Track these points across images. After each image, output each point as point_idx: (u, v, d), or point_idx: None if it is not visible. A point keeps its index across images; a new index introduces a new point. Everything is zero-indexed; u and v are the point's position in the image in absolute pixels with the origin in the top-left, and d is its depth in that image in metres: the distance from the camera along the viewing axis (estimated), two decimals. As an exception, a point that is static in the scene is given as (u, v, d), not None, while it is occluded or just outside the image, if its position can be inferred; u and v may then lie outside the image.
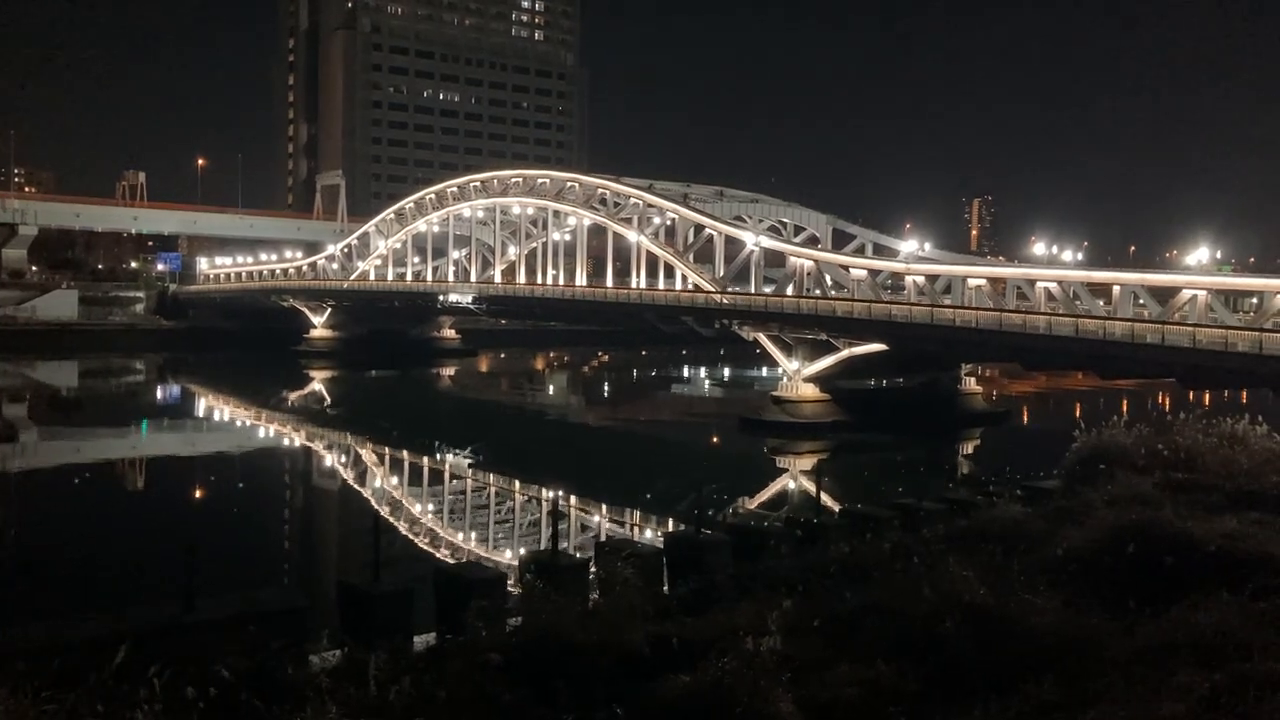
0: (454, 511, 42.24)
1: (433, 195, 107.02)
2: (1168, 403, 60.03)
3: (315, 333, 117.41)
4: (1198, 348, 46.13)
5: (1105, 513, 14.32)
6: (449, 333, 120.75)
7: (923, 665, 10.21)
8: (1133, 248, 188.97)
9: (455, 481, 49.50)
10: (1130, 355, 49.10)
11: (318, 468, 55.48)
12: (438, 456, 55.83)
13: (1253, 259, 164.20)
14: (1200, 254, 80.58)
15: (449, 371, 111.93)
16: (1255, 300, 51.91)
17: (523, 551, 26.24)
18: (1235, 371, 45.87)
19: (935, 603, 11.20)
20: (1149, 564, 12.00)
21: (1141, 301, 54.48)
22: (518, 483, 47.47)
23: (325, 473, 53.76)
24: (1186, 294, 49.98)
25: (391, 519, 37.40)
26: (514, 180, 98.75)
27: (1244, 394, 57.80)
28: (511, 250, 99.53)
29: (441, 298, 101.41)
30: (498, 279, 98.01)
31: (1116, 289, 54.42)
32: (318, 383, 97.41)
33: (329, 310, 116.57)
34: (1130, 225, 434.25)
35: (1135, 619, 10.63)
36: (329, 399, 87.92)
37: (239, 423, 72.02)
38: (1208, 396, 63.13)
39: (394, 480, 50.17)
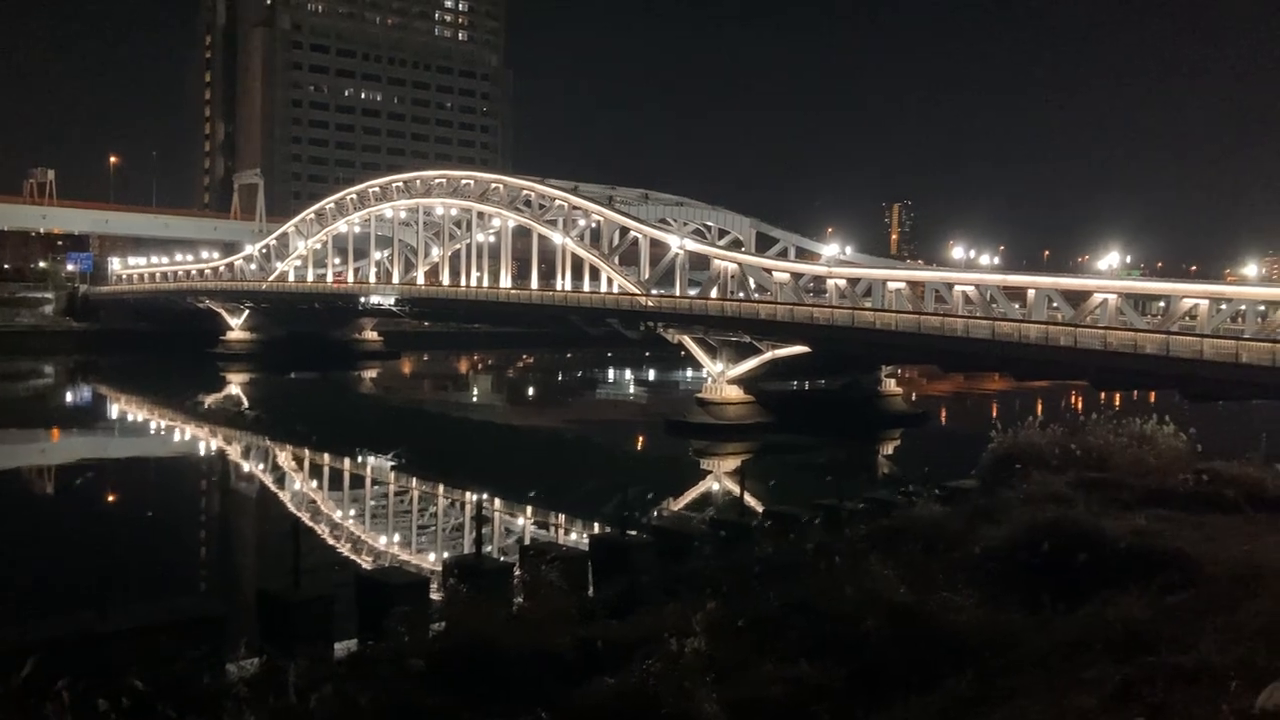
0: (376, 516, 41.64)
1: (354, 195, 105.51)
2: (1080, 404, 61.67)
3: (232, 335, 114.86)
4: (1108, 350, 47.48)
5: (1021, 511, 14.64)
6: (371, 335, 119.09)
7: (845, 663, 10.32)
8: (1047, 252, 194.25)
9: (377, 486, 48.81)
10: (1044, 357, 50.37)
11: (236, 473, 54.27)
12: (359, 460, 55.01)
13: (1160, 264, 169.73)
14: (1111, 259, 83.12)
15: (371, 374, 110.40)
16: (1163, 304, 53.62)
17: (447, 556, 25.96)
18: (1144, 373, 47.31)
19: (857, 601, 11.34)
20: (1063, 561, 12.28)
21: (1055, 305, 55.90)
22: (441, 486, 46.99)
23: (243, 478, 52.62)
24: (1098, 298, 51.42)
25: (312, 524, 36.72)
26: (437, 181, 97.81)
27: (1152, 395, 59.64)
28: (435, 251, 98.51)
29: (363, 299, 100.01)
30: (421, 280, 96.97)
31: (1031, 292, 55.78)
32: (235, 386, 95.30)
33: (247, 312, 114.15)
34: (1045, 230, 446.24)
35: (1050, 615, 10.87)
36: (247, 402, 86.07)
37: (153, 427, 70.12)
38: (1118, 398, 65.06)
39: (314, 485, 49.30)
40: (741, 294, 68.44)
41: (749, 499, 23.53)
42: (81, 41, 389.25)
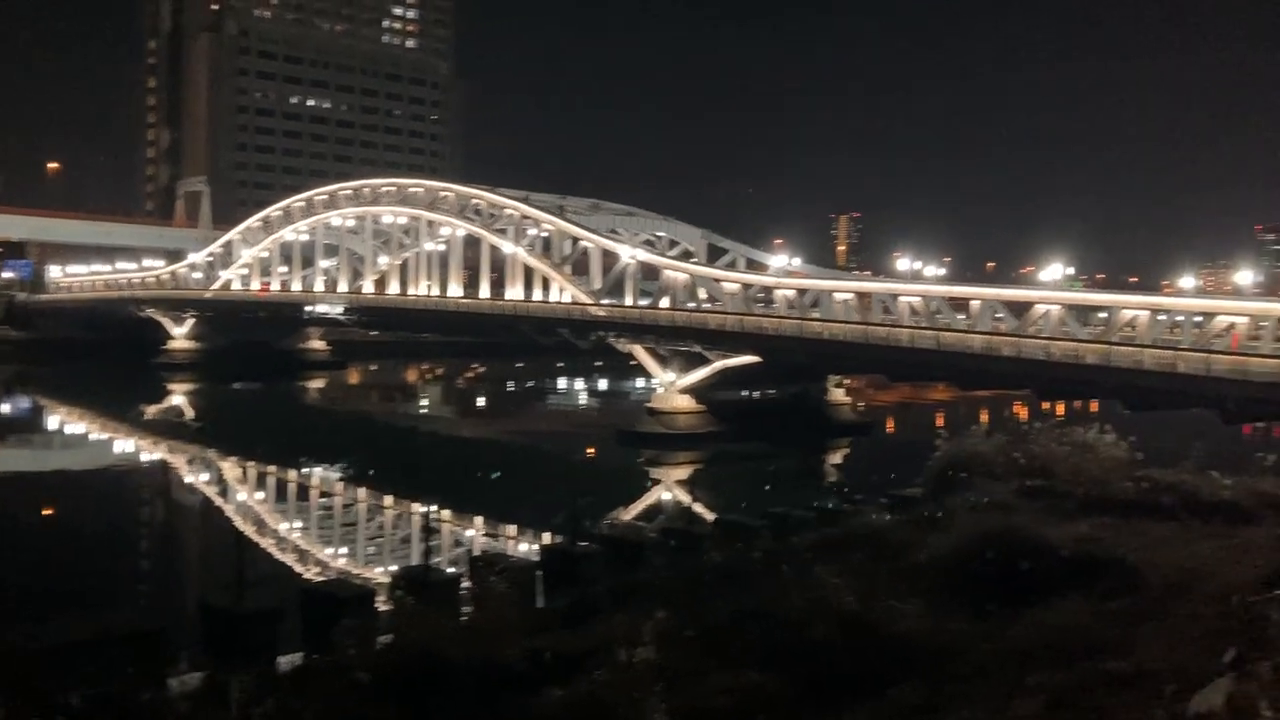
0: (323, 528, 41.14)
1: (301, 203, 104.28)
2: (1024, 413, 62.63)
3: (175, 344, 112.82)
4: (1051, 360, 48.31)
5: (966, 520, 14.82)
6: (318, 344, 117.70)
7: (794, 671, 10.38)
8: (991, 264, 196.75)
9: (324, 497, 48.23)
10: (988, 367, 51.09)
11: (178, 485, 53.31)
12: (306, 471, 54.30)
13: (1101, 275, 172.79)
14: (1053, 270, 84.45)
15: (317, 384, 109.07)
16: (1104, 315, 54.65)
17: (394, 567, 25.71)
18: (1086, 382, 48.20)
19: (806, 609, 11.41)
20: (1007, 568, 12.45)
21: (999, 315, 56.72)
22: (389, 497, 46.53)
23: (186, 490, 51.70)
24: (1041, 309, 52.26)
25: (257, 537, 36.21)
26: (386, 189, 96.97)
27: (1094, 405, 60.70)
28: (383, 260, 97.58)
29: (309, 308, 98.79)
30: (369, 289, 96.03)
31: (976, 303, 56.53)
32: (178, 396, 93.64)
33: (191, 321, 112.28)
34: (990, 242, 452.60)
35: (995, 621, 11.01)
36: (190, 412, 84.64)
37: (93, 439, 68.67)
38: (1061, 407, 66.15)
39: (260, 497, 48.58)
40: (692, 304, 68.69)
41: (699, 508, 23.63)
42: (20, 46, 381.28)
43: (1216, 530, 13.87)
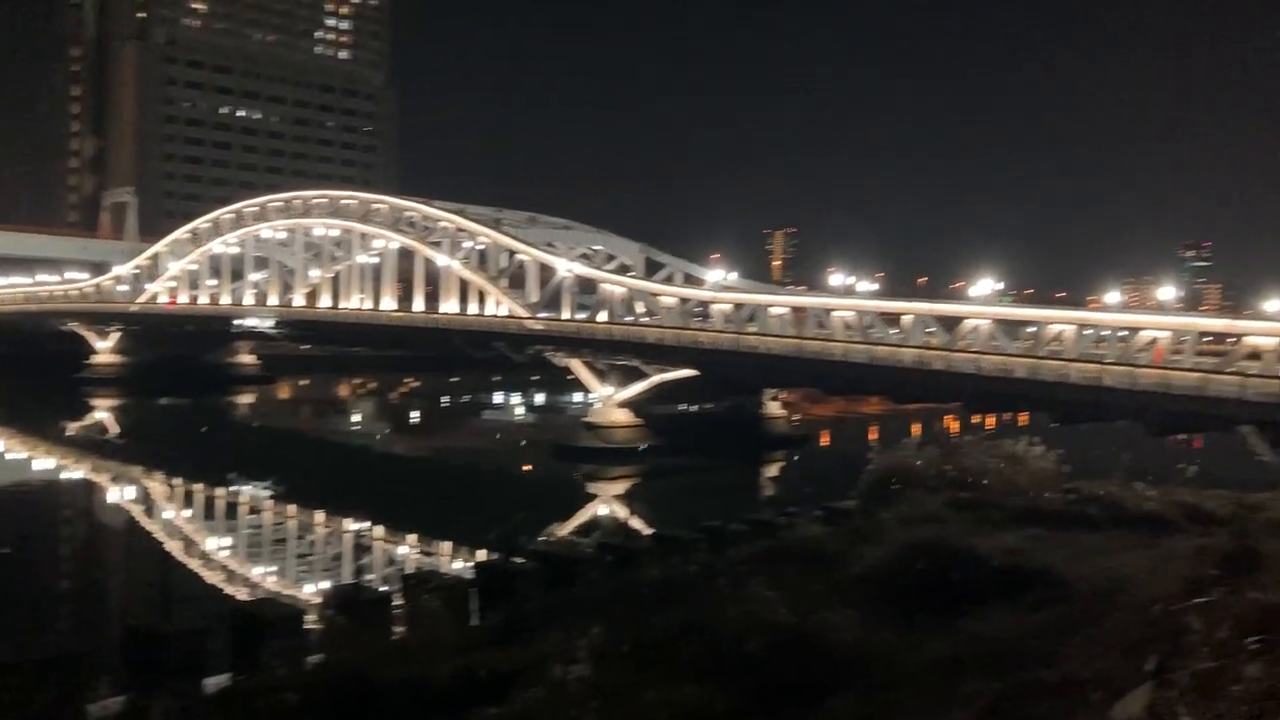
0: (252, 546, 40.33)
1: (231, 215, 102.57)
2: (955, 426, 63.62)
3: (99, 359, 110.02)
4: (981, 373, 49.24)
5: (898, 531, 14.95)
6: (247, 358, 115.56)
7: (730, 684, 10.36)
8: (923, 279, 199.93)
9: (253, 515, 47.32)
10: (920, 380, 51.93)
11: (101, 503, 51.89)
12: (234, 489, 53.22)
13: (1030, 290, 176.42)
14: (983, 285, 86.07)
15: (247, 399, 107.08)
16: (1033, 329, 55.81)
17: (325, 586, 25.28)
18: (1015, 396, 49.19)
19: (741, 623, 11.40)
20: (939, 579, 12.57)
21: (931, 330, 57.66)
22: (321, 515, 45.78)
23: (110, 509, 50.35)
24: (971, 323, 53.24)
25: (184, 556, 35.40)
26: (318, 201, 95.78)
27: (1023, 417, 61.89)
28: (315, 273, 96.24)
29: (239, 322, 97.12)
30: (300, 303, 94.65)
31: (908, 318, 57.43)
32: (101, 412, 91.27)
33: (116, 335, 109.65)
34: (922, 258, 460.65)
35: (927, 633, 11.11)
36: (114, 428, 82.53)
37: (10, 457, 66.60)
38: (991, 419, 67.31)
39: (186, 515, 47.49)
40: (629, 318, 68.80)
41: (636, 522, 23.60)
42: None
43: (1141, 540, 14.15)
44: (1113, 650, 8.09)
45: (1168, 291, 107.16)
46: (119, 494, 53.35)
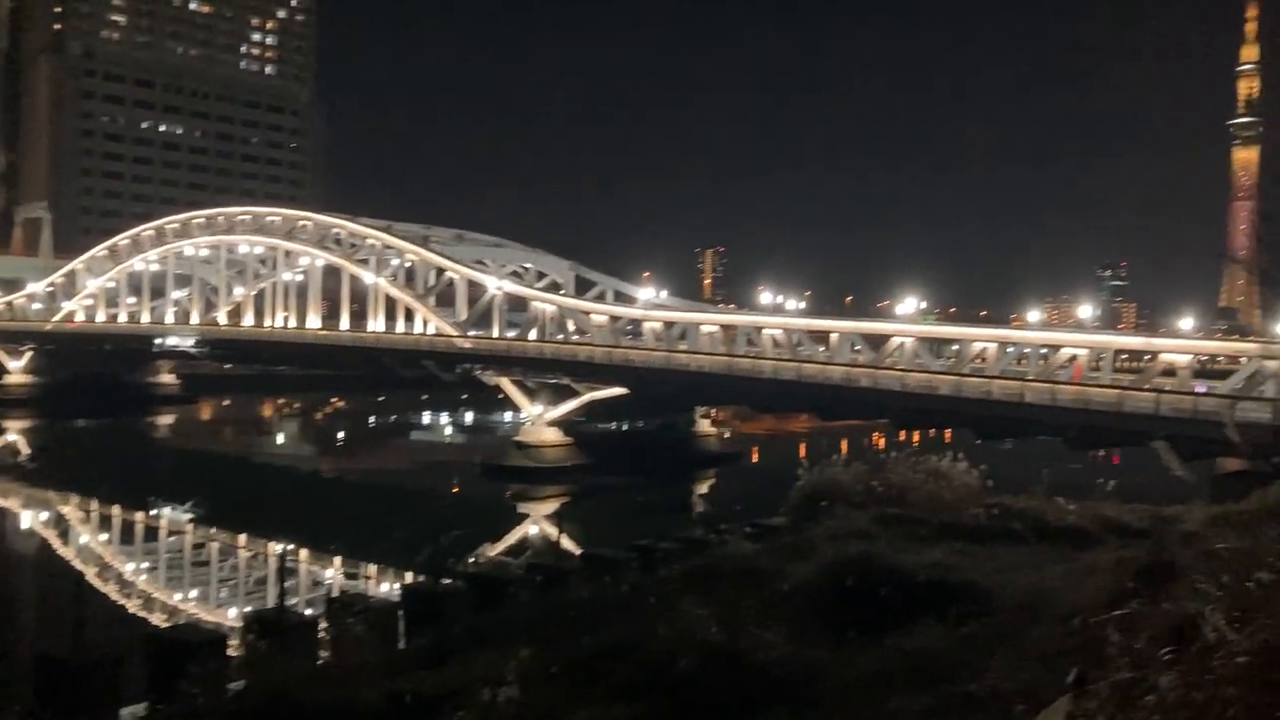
0: (172, 571, 39.26)
1: (151, 231, 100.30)
2: (882, 442, 64.44)
3: (11, 379, 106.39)
4: (906, 390, 49.99)
5: (826, 548, 15.04)
6: (168, 378, 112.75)
7: (661, 704, 10.30)
8: (850, 298, 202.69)
9: (174, 538, 46.08)
10: (847, 397, 52.54)
11: (11, 529, 50.08)
12: (153, 512, 51.79)
13: (953, 309, 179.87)
14: (908, 304, 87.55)
15: (167, 420, 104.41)
16: (956, 347, 56.87)
17: (248, 610, 24.67)
18: (940, 412, 49.97)
19: (671, 641, 11.36)
20: (867, 594, 12.66)
21: (858, 347, 58.43)
22: (244, 537, 44.76)
23: (21, 535, 48.60)
24: (896, 341, 54.07)
25: (100, 583, 34.30)
26: (242, 217, 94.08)
27: (948, 434, 62.94)
28: (238, 291, 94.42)
29: (159, 341, 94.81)
30: (223, 321, 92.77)
31: (835, 336, 58.14)
32: (13, 433, 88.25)
33: (29, 354, 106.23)
34: (850, 277, 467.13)
35: (855, 647, 11.17)
36: (26, 451, 79.84)
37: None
38: (917, 436, 68.31)
39: (103, 539, 46.10)
40: (560, 336, 68.61)
41: (566, 542, 23.44)
42: None
43: (1062, 554, 14.42)
44: (1036, 662, 8.22)
45: (1086, 310, 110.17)
46: (30, 519, 51.57)
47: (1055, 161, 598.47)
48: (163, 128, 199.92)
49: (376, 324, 78.49)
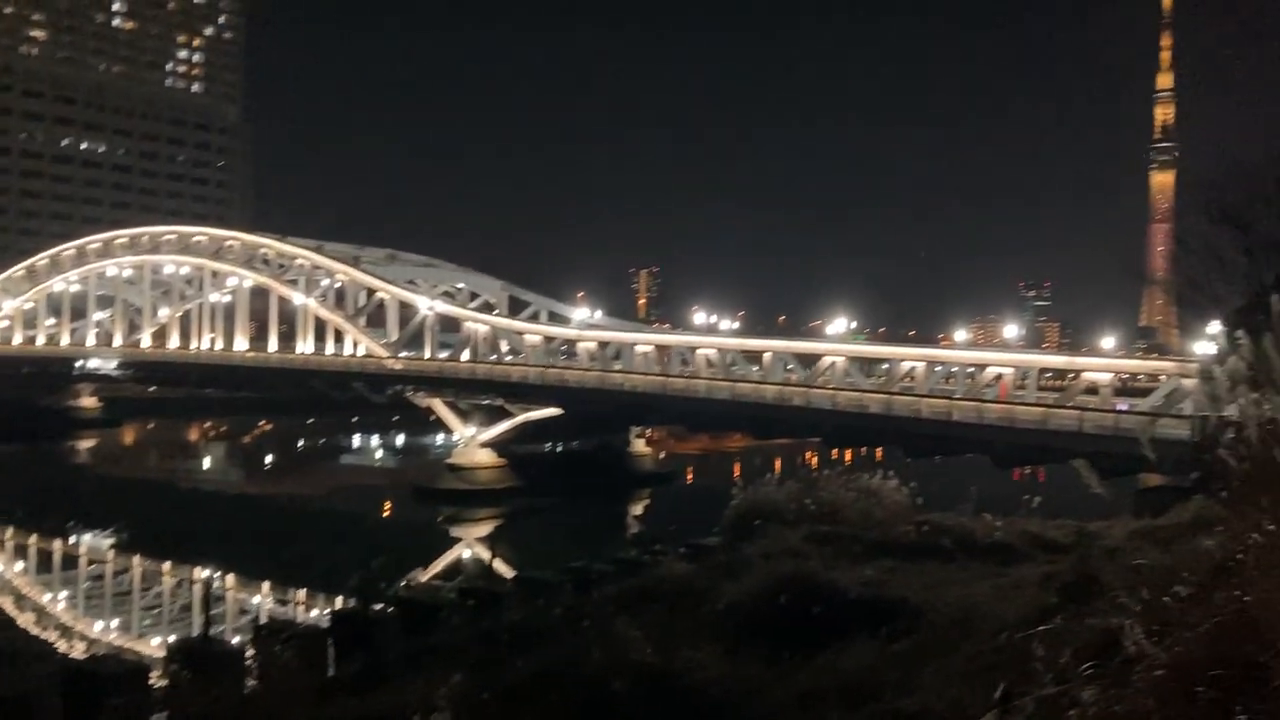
0: (91, 600, 38.14)
1: (72, 251, 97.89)
2: (814, 461, 65.00)
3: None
4: (838, 409, 50.53)
5: (760, 567, 15.09)
6: (89, 401, 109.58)
7: (594, 728, 10.23)
8: (783, 317, 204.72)
9: (93, 566, 44.77)
10: (781, 416, 52.95)
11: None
12: (72, 540, 50.28)
13: (883, 329, 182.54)
14: (839, 324, 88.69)
15: (88, 444, 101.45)
16: (886, 366, 57.67)
17: (171, 640, 24.02)
18: (870, 430, 50.60)
19: (605, 664, 11.28)
20: (800, 613, 12.72)
21: (791, 367, 58.98)
22: (168, 565, 43.66)
23: (-69, 564, 46.85)
24: (828, 360, 54.71)
25: (14, 614, 33.18)
26: (167, 237, 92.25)
27: (879, 452, 63.68)
28: (164, 312, 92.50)
29: (80, 363, 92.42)
30: (147, 343, 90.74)
31: (768, 355, 58.62)
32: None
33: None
34: (781, 296, 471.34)
35: (789, 666, 11.21)
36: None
37: None
38: (849, 454, 69.03)
39: (18, 568, 44.59)
40: (494, 357, 68.21)
41: (500, 565, 23.23)
42: None
43: (991, 570, 14.63)
44: (966, 678, 8.31)
45: (1012, 330, 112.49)
46: (-58, 548, 49.78)
47: (981, 183, 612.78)
48: (84, 145, 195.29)
49: (306, 345, 77.37)
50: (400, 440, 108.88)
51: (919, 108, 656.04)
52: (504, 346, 69.50)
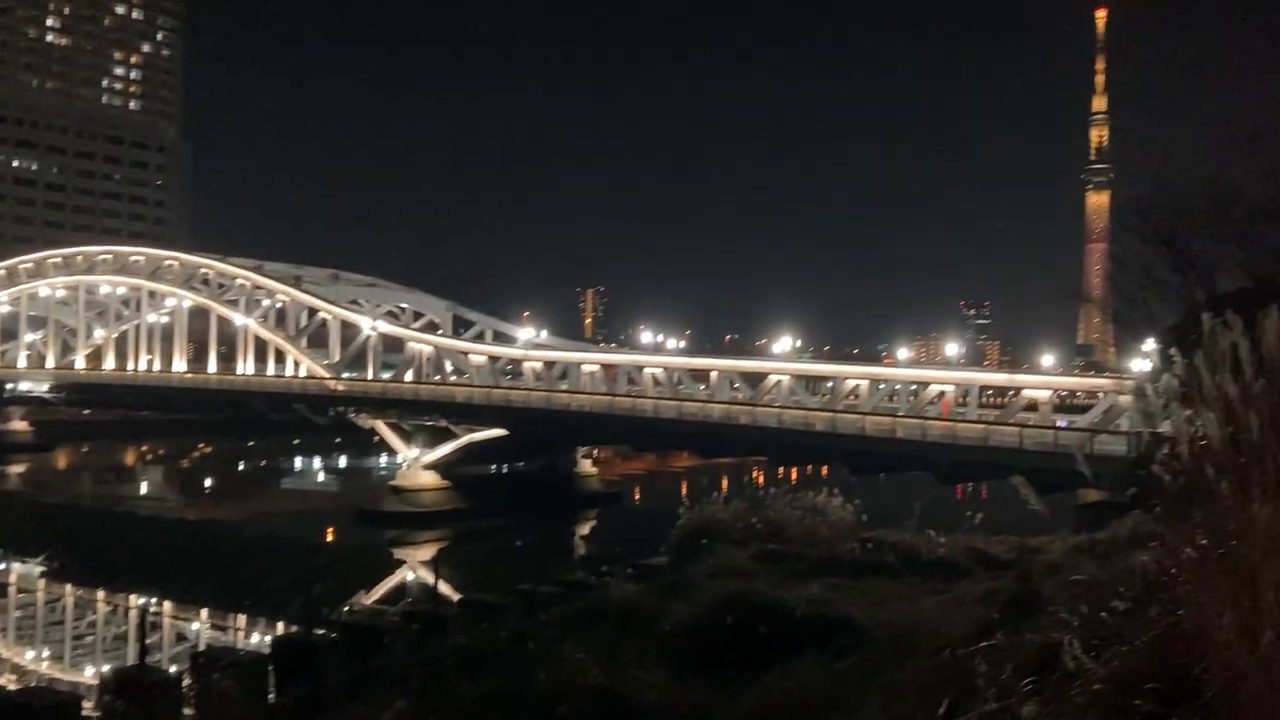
0: (22, 630, 37.03)
1: (2, 271, 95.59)
2: (761, 479, 65.24)
3: None
4: (783, 427, 50.83)
5: (707, 586, 15.09)
6: (20, 425, 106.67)
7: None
8: (729, 336, 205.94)
9: (24, 594, 43.51)
10: (727, 435, 53.14)
11: None
12: (1, 567, 48.86)
13: (827, 347, 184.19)
14: (784, 342, 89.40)
15: (18, 469, 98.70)
16: (830, 384, 58.19)
17: (105, 669, 23.41)
18: (816, 448, 50.95)
19: (551, 686, 11.19)
20: (747, 632, 12.71)
21: (737, 385, 59.25)
22: (102, 592, 42.55)
23: None
24: (773, 378, 55.06)
25: (-61, 644, 32.10)
26: (103, 257, 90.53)
27: (824, 469, 64.08)
28: (99, 333, 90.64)
29: (11, 386, 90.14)
30: (81, 365, 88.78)
31: (714, 374, 58.85)
32: None
33: None
34: (728, 316, 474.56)
35: (736, 686, 11.19)
36: None
37: None
38: (795, 472, 69.39)
39: (-56, 598, 43.19)
40: (438, 377, 67.69)
41: (445, 588, 23.00)
42: None
43: (935, 586, 14.74)
44: (910, 695, 8.35)
45: (953, 348, 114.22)
46: None
47: (922, 203, 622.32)
48: (16, 163, 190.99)
49: (246, 366, 76.22)
50: (343, 462, 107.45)
51: (863, 125, 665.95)
52: (449, 367, 69.01)
